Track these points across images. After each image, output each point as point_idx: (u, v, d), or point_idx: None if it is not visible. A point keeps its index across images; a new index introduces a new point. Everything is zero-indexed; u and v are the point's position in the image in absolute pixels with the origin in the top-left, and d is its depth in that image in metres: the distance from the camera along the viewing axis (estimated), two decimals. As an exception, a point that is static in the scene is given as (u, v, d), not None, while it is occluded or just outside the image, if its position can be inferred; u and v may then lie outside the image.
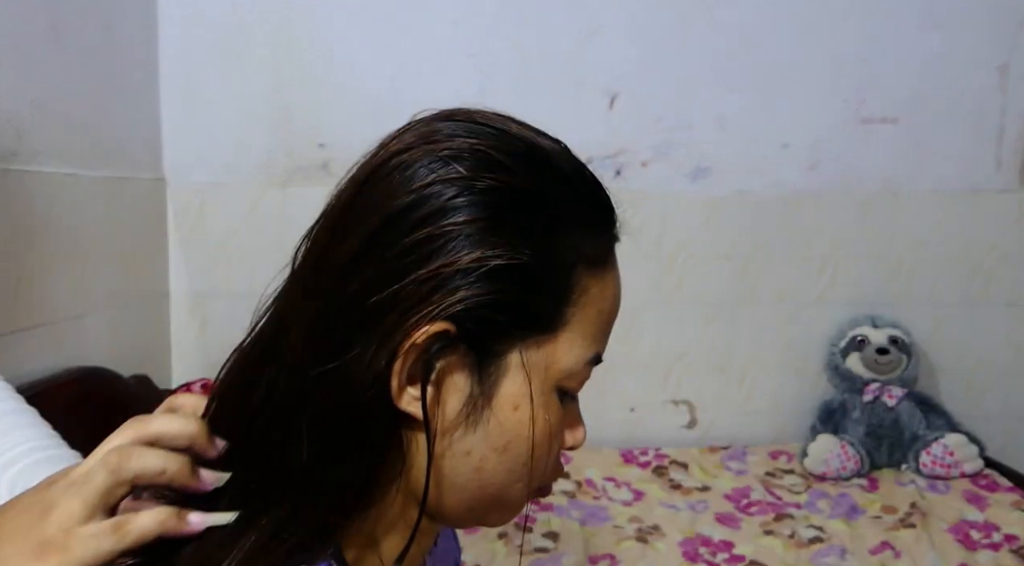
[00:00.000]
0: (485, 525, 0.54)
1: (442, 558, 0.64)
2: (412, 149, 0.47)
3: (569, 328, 0.48)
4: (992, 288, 2.17)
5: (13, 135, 1.52)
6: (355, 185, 0.49)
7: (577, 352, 0.49)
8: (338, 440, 0.46)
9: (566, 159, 0.50)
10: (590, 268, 0.49)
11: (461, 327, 0.45)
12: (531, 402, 0.47)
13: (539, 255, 0.46)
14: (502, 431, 0.47)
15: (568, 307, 0.48)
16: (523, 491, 0.50)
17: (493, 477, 0.49)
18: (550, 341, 0.48)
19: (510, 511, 0.52)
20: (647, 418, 2.23)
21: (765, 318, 2.20)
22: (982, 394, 2.20)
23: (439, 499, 0.49)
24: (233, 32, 2.10)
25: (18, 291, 1.52)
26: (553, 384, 0.49)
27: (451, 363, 0.46)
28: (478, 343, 0.46)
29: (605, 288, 0.50)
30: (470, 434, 0.47)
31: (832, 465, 1.96)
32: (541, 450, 0.49)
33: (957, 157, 2.15)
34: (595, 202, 0.51)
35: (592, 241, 0.49)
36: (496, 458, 0.48)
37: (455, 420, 0.47)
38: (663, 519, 1.79)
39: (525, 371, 0.47)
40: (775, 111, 2.14)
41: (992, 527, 1.73)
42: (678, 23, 2.11)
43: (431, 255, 0.44)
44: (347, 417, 0.46)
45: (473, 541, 1.67)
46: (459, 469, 0.48)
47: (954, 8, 2.10)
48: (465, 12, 2.11)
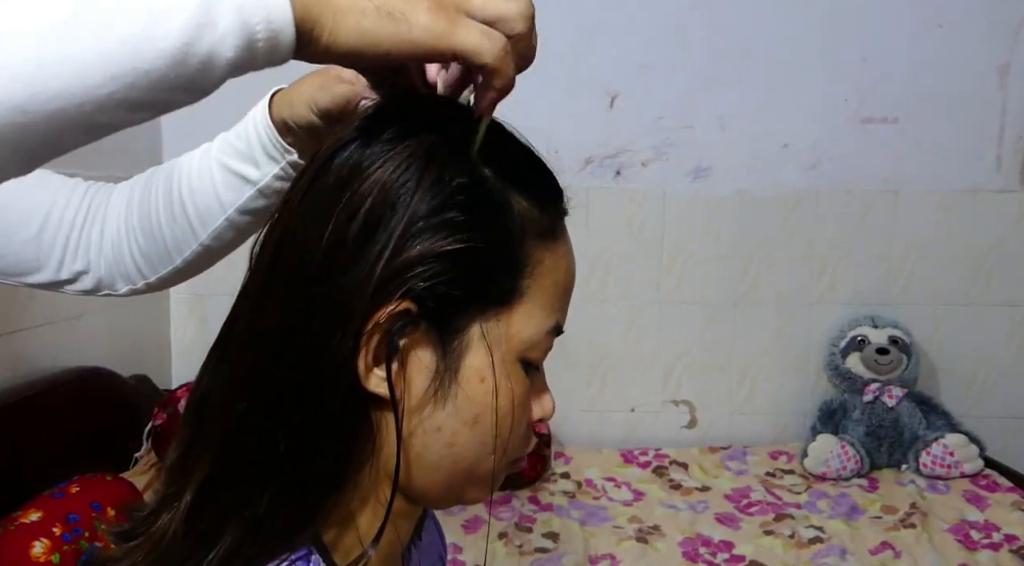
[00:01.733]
0: (464, 502, 0.55)
1: (427, 552, 0.65)
2: (359, 139, 0.48)
3: (526, 300, 0.49)
4: (992, 288, 2.17)
5: (13, 135, 1.51)
6: (308, 178, 0.49)
7: (536, 323, 0.50)
8: (311, 427, 0.47)
9: (509, 138, 0.52)
10: (541, 241, 0.50)
11: (422, 305, 0.46)
12: (494, 373, 0.48)
13: (491, 233, 0.47)
14: (470, 404, 0.49)
15: (523, 280, 0.49)
16: (499, 462, 0.51)
17: (465, 451, 0.50)
18: (508, 314, 0.49)
19: (486, 485, 0.53)
20: (647, 418, 2.23)
21: (765, 318, 2.20)
22: (982, 394, 2.20)
23: (414, 478, 0.50)
24: (233, 32, 2.10)
25: (18, 291, 1.52)
26: (515, 355, 0.50)
27: (414, 341, 0.47)
28: (439, 320, 0.47)
29: (558, 259, 0.51)
30: (439, 410, 0.49)
31: (832, 465, 1.96)
32: (508, 420, 0.50)
33: (957, 157, 2.15)
34: (540, 177, 0.52)
35: (541, 215, 0.50)
36: (467, 432, 0.49)
37: (423, 397, 0.48)
38: (663, 519, 1.79)
39: (487, 344, 0.48)
40: (775, 111, 2.14)
41: (992, 527, 1.73)
42: (678, 23, 2.11)
43: (387, 241, 0.45)
44: (318, 403, 0.47)
45: (473, 541, 1.67)
46: (431, 446, 0.49)
47: (954, 8, 2.10)
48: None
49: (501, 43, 0.44)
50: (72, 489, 1.31)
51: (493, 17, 0.44)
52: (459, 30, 0.42)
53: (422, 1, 0.42)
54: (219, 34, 0.38)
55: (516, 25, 0.45)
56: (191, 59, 0.38)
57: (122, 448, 1.74)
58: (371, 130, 0.48)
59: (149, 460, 1.74)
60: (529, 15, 0.45)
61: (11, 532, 1.20)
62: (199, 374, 0.52)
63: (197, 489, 0.48)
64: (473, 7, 0.44)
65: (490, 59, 0.43)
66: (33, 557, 1.18)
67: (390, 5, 0.41)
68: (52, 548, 1.20)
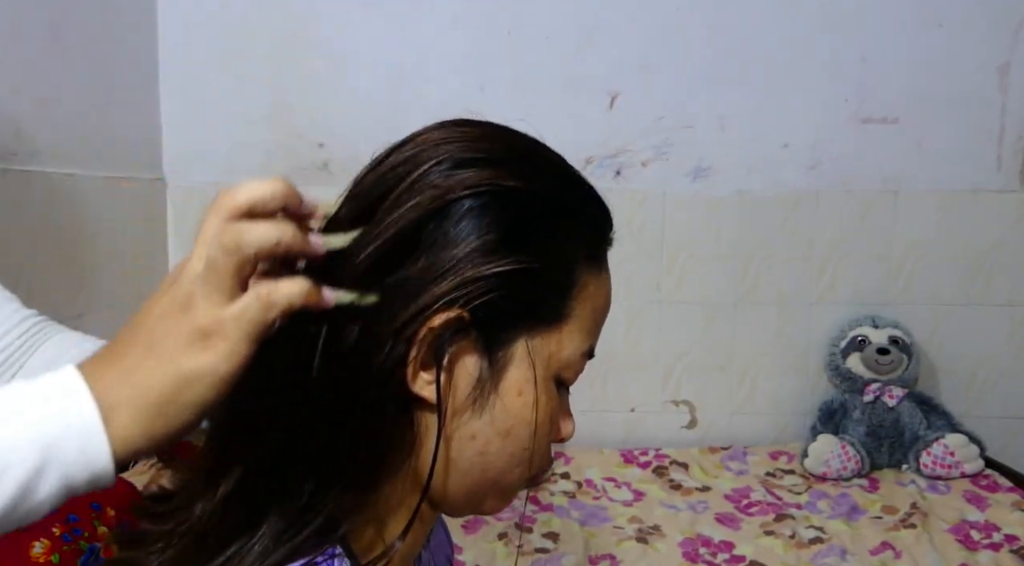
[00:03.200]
0: (481, 512, 0.56)
1: (436, 552, 0.66)
2: (422, 154, 0.50)
3: (570, 321, 0.52)
4: (992, 288, 2.17)
5: (13, 135, 1.52)
6: (373, 182, 0.51)
7: (575, 344, 0.52)
8: (354, 426, 0.48)
9: (568, 165, 0.54)
10: (589, 266, 0.52)
11: (474, 314, 0.48)
12: (535, 388, 0.50)
13: (549, 257, 0.50)
14: (506, 416, 0.50)
15: (570, 301, 0.51)
16: (521, 477, 0.53)
17: (495, 461, 0.52)
18: (554, 332, 0.51)
19: (506, 498, 0.55)
20: (647, 418, 2.23)
21: (765, 318, 2.20)
22: (982, 394, 2.20)
23: (443, 483, 0.52)
24: (233, 32, 2.10)
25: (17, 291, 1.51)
26: (553, 373, 0.52)
27: (462, 348, 0.49)
28: (489, 330, 0.49)
29: (600, 286, 0.54)
30: (476, 418, 0.50)
31: (832, 465, 1.96)
32: (540, 435, 0.52)
33: (957, 157, 2.15)
34: (596, 205, 0.54)
35: (593, 241, 0.53)
36: (499, 442, 0.51)
37: (463, 404, 0.50)
38: (663, 519, 1.79)
39: (531, 359, 0.50)
40: (775, 111, 2.14)
41: (992, 527, 1.73)
42: (678, 23, 2.11)
43: (449, 257, 0.47)
44: (364, 402, 0.48)
45: (473, 541, 1.67)
46: (464, 452, 0.51)
47: (954, 8, 2.10)
48: (465, 12, 2.11)
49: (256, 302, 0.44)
50: (72, 489, 1.30)
51: None
52: (232, 335, 0.44)
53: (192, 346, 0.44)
54: (36, 502, 0.43)
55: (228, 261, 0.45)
56: (6, 520, 0.43)
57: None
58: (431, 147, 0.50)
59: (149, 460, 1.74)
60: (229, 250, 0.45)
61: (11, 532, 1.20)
62: None
63: (238, 479, 0.48)
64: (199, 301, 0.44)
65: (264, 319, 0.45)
66: (33, 557, 1.18)
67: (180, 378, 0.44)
68: (52, 548, 1.20)
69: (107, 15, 1.86)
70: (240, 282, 0.44)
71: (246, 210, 0.45)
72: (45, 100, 1.61)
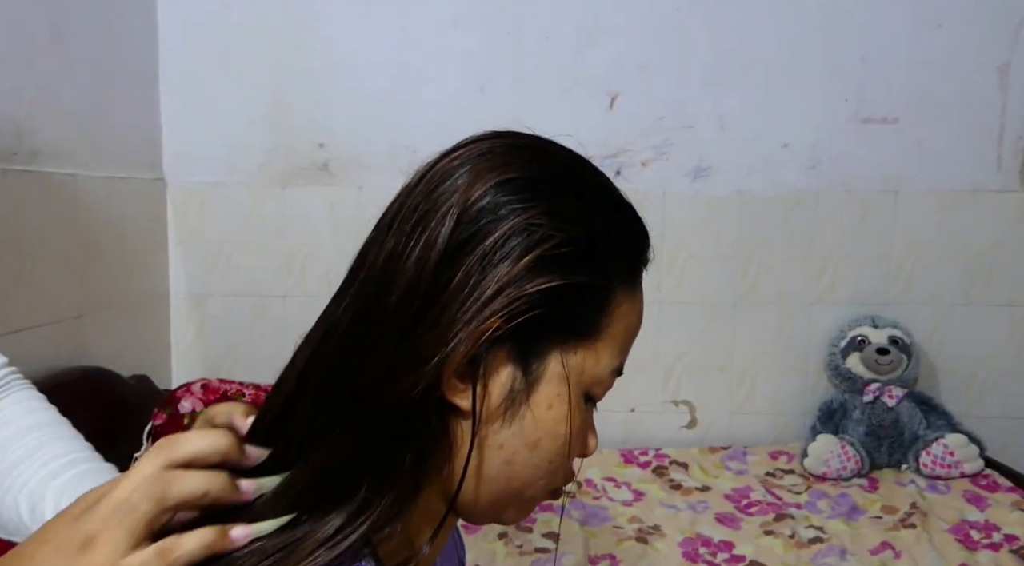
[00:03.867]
0: (501, 522, 0.57)
1: (448, 557, 0.67)
2: (466, 167, 0.50)
3: (604, 338, 0.52)
4: (992, 288, 2.17)
5: (13, 135, 1.52)
6: (417, 196, 0.51)
7: (607, 361, 0.53)
8: (392, 435, 0.49)
9: (609, 182, 0.55)
10: (624, 285, 0.53)
11: (512, 326, 0.48)
12: (567, 402, 0.51)
13: (589, 275, 0.50)
14: (535, 427, 0.51)
15: (605, 318, 0.52)
16: (544, 489, 0.54)
17: (521, 472, 0.52)
18: (588, 348, 0.52)
19: (526, 509, 0.56)
20: (647, 418, 2.23)
21: (765, 318, 2.20)
22: (982, 394, 2.20)
23: (471, 489, 0.52)
24: (233, 32, 2.10)
25: (18, 291, 1.52)
26: (584, 389, 0.53)
27: (498, 358, 0.49)
28: (525, 342, 0.50)
29: (634, 304, 0.55)
30: (505, 428, 0.51)
31: (832, 465, 1.96)
32: (565, 449, 0.53)
33: (957, 157, 2.15)
34: (636, 225, 0.56)
35: (630, 261, 0.54)
36: (526, 453, 0.52)
37: (494, 413, 0.50)
38: (663, 519, 1.79)
39: (564, 373, 0.51)
40: (775, 111, 2.14)
41: (992, 527, 1.73)
42: (678, 23, 2.11)
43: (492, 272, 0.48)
44: (401, 411, 0.48)
45: (473, 541, 1.67)
46: (491, 461, 0.52)
47: (954, 8, 2.10)
48: (465, 12, 2.11)
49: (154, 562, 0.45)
50: (72, 489, 1.30)
51: None
52: None
53: None
54: None
55: None
56: None
57: (122, 448, 1.74)
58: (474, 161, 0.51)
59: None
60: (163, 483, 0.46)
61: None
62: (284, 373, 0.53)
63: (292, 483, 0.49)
64: None
65: None
66: (33, 557, 1.18)
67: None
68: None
69: (107, 15, 1.86)
70: (152, 530, 0.45)
71: (186, 462, 0.47)
72: (45, 100, 1.61)
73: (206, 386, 1.76)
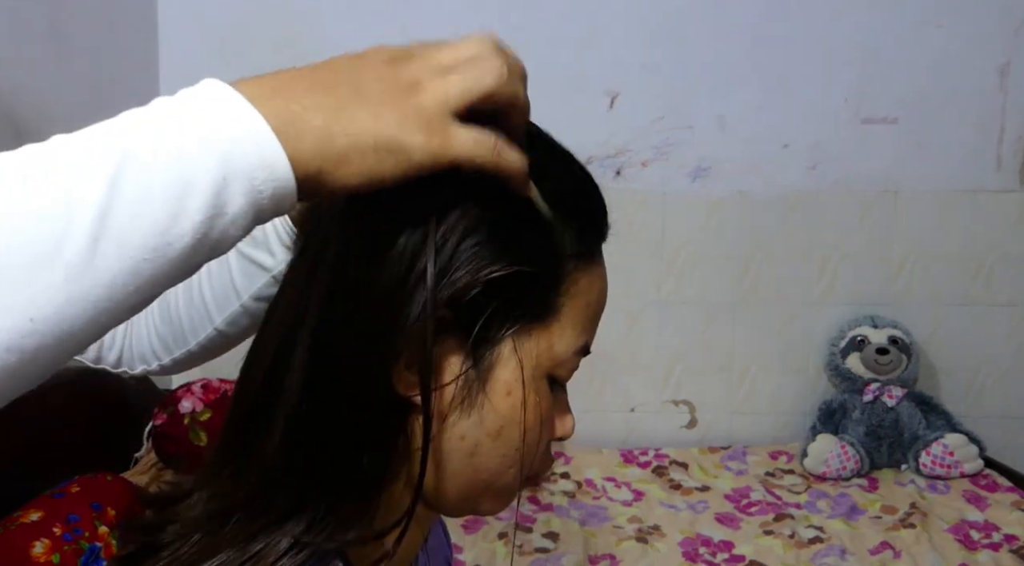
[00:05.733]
0: (479, 513, 0.55)
1: (434, 554, 0.65)
2: None
3: (560, 318, 0.50)
4: (992, 288, 2.17)
5: (13, 135, 1.52)
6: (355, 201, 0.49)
7: (567, 341, 0.51)
8: (351, 436, 0.48)
9: (559, 152, 0.53)
10: (579, 262, 0.51)
11: (458, 314, 0.47)
12: (523, 387, 0.49)
13: (534, 254, 0.48)
14: (496, 416, 0.49)
15: (559, 298, 0.50)
16: (515, 478, 0.52)
17: (487, 462, 0.50)
18: (542, 330, 0.50)
19: (503, 498, 0.54)
20: (647, 418, 2.23)
21: (765, 318, 2.20)
22: (982, 394, 2.20)
23: (435, 484, 0.51)
24: (233, 32, 2.10)
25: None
26: (544, 371, 0.51)
27: (447, 348, 0.48)
28: (473, 329, 0.48)
29: (593, 281, 0.52)
30: (464, 419, 0.49)
31: (832, 465, 1.96)
32: (533, 435, 0.51)
33: (957, 157, 2.15)
34: (586, 198, 0.53)
35: (582, 236, 0.51)
36: (489, 443, 0.50)
37: (450, 404, 0.49)
38: (663, 519, 1.79)
39: (518, 357, 0.49)
40: (775, 111, 2.14)
41: (992, 527, 1.73)
42: (678, 23, 2.11)
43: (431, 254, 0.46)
44: (357, 410, 0.48)
45: (473, 541, 1.67)
46: (453, 454, 0.50)
47: (954, 8, 2.10)
48: (465, 12, 2.11)
49: (491, 143, 0.44)
50: (72, 489, 1.30)
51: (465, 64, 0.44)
52: (452, 144, 0.42)
53: (410, 120, 0.42)
54: (229, 219, 0.39)
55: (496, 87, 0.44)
56: (203, 247, 0.39)
57: (122, 448, 1.74)
58: None
59: (149, 460, 1.74)
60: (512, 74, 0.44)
61: (11, 532, 1.20)
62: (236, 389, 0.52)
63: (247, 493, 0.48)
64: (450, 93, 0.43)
65: (484, 161, 0.44)
66: (33, 557, 1.18)
67: (385, 137, 0.41)
68: (52, 548, 1.20)
69: (107, 15, 1.86)
70: (465, 105, 0.43)
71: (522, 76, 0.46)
72: (45, 100, 1.61)
73: (206, 386, 1.76)
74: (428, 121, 0.42)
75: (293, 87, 0.42)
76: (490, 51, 0.44)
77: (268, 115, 0.40)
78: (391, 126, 0.41)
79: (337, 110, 0.41)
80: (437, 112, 0.42)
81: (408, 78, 0.43)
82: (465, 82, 0.43)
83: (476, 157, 0.43)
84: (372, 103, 0.41)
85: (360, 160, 0.41)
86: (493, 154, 0.44)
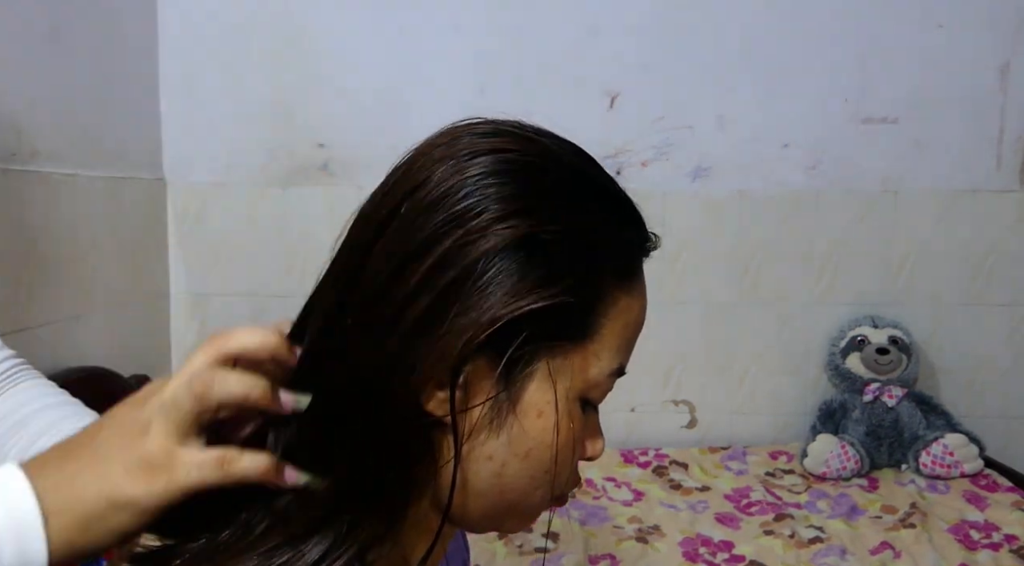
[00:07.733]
0: (503, 530, 0.54)
1: (452, 558, 0.65)
2: (444, 161, 0.48)
3: (596, 339, 0.49)
4: (992, 288, 2.17)
5: (13, 135, 1.52)
6: (391, 197, 0.49)
7: (603, 363, 0.50)
8: (378, 451, 0.47)
9: (599, 174, 0.52)
10: (619, 282, 0.50)
11: (491, 335, 0.45)
12: (555, 410, 0.48)
13: (574, 279, 0.47)
14: (525, 437, 0.48)
15: (597, 319, 0.49)
16: (543, 498, 0.51)
17: (514, 483, 0.49)
18: (577, 351, 0.48)
19: (528, 518, 0.53)
20: (647, 418, 2.23)
21: (765, 318, 2.20)
22: (982, 394, 2.20)
23: (461, 502, 0.50)
24: (233, 32, 2.10)
25: (18, 291, 1.52)
26: (577, 393, 0.49)
27: (479, 367, 0.46)
28: (507, 349, 0.46)
29: (633, 301, 0.51)
30: (493, 439, 0.48)
31: (832, 465, 1.96)
32: (563, 458, 0.49)
33: (957, 157, 2.15)
34: (626, 217, 0.52)
35: (623, 256, 0.50)
36: (517, 464, 0.49)
37: (479, 424, 0.47)
38: (663, 519, 1.79)
39: (551, 379, 0.48)
40: (775, 111, 2.14)
41: (992, 527, 1.73)
42: (678, 23, 2.11)
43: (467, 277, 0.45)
44: (386, 427, 0.47)
45: (473, 541, 1.66)
46: (480, 474, 0.49)
47: (954, 8, 2.10)
48: (465, 12, 2.11)
49: (215, 462, 0.46)
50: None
51: None
52: (177, 478, 0.45)
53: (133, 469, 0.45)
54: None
55: None
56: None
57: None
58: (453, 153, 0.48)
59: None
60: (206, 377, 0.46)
61: None
62: None
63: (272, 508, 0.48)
64: None
65: (215, 480, 0.46)
66: None
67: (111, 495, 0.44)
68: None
69: (107, 15, 1.86)
70: (197, 426, 0.46)
71: (235, 356, 0.47)
72: (45, 100, 1.61)
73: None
74: (149, 463, 0.45)
75: (48, 461, 0.46)
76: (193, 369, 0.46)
77: (24, 500, 0.43)
78: (116, 482, 0.44)
79: (72, 478, 0.44)
80: (161, 449, 0.45)
81: (143, 420, 0.46)
82: (177, 410, 0.45)
83: (205, 479, 0.45)
84: (102, 460, 0.45)
85: (99, 522, 0.44)
86: (221, 472, 0.45)
